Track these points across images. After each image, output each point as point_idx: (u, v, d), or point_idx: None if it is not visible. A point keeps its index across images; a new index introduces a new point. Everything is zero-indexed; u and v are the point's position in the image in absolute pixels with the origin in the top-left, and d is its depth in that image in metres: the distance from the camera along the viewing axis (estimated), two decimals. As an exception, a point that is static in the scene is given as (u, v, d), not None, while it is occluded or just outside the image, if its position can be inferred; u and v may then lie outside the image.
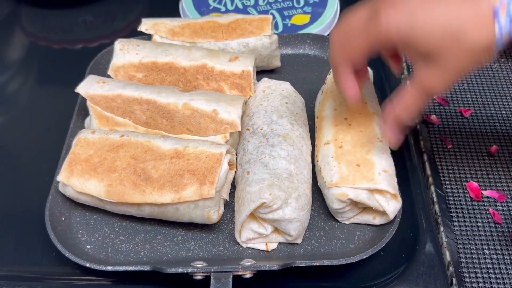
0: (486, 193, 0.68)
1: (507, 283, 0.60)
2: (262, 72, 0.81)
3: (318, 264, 0.57)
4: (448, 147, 0.73)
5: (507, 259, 0.62)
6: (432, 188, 0.69)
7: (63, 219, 0.64)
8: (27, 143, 0.77)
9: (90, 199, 0.63)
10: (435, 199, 0.67)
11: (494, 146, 0.73)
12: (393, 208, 0.60)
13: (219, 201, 0.62)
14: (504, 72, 0.84)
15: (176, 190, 0.60)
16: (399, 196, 0.61)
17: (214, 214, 0.61)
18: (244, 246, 0.62)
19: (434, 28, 0.47)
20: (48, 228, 0.61)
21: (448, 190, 0.69)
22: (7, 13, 0.99)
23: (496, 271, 0.61)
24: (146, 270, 0.57)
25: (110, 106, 0.69)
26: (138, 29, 0.81)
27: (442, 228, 0.64)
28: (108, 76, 0.75)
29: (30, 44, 0.94)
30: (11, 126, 0.80)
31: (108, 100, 0.69)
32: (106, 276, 0.61)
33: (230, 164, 0.64)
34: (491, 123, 0.77)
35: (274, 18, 0.91)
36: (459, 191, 0.69)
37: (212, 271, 0.56)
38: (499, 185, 0.69)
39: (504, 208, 0.67)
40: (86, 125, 0.72)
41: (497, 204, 0.67)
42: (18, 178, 0.72)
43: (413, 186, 0.69)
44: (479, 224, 0.65)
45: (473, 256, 0.62)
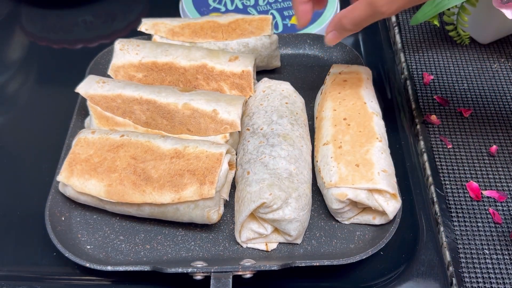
0: (486, 193, 0.68)
1: (507, 283, 0.60)
2: (262, 72, 0.81)
3: (318, 264, 0.57)
4: (448, 147, 0.73)
5: (507, 259, 0.62)
6: (432, 188, 0.69)
7: (63, 219, 0.64)
8: (27, 143, 0.77)
9: (90, 199, 0.63)
10: (435, 199, 0.67)
11: (494, 146, 0.73)
12: (392, 208, 0.60)
13: (219, 201, 0.62)
14: (504, 72, 0.84)
15: (176, 190, 0.60)
16: (399, 196, 0.61)
17: (214, 214, 0.61)
18: (244, 246, 0.62)
19: None
20: (48, 228, 0.61)
21: (448, 190, 0.69)
22: (7, 13, 0.99)
23: (496, 271, 0.61)
24: (146, 270, 0.57)
25: (110, 106, 0.69)
26: (138, 29, 0.81)
27: (442, 228, 0.64)
28: (108, 76, 0.75)
29: (30, 44, 0.94)
30: (11, 126, 0.80)
31: (108, 100, 0.69)
32: (106, 276, 0.61)
33: (230, 164, 0.64)
34: (491, 123, 0.76)
35: (274, 18, 0.91)
36: (459, 191, 0.69)
37: (212, 271, 0.56)
38: (499, 185, 0.69)
39: (504, 208, 0.67)
40: (86, 125, 0.72)
41: (497, 204, 0.67)
42: (18, 178, 0.72)
43: (413, 186, 0.69)
44: (479, 224, 0.65)
45: (473, 256, 0.62)
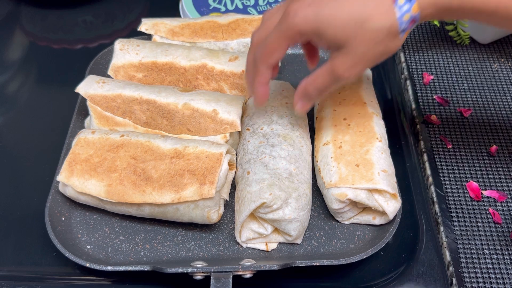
0: (486, 193, 0.68)
1: (507, 283, 0.60)
2: (262, 72, 0.81)
3: (318, 264, 0.57)
4: (448, 147, 0.73)
5: (507, 259, 0.62)
6: (432, 188, 0.69)
7: (63, 219, 0.64)
8: (27, 143, 0.77)
9: (90, 199, 0.63)
10: (435, 199, 0.67)
11: (494, 146, 0.73)
12: (392, 208, 0.60)
13: (219, 201, 0.62)
14: (504, 72, 0.84)
15: (176, 190, 0.60)
16: (399, 196, 0.61)
17: (214, 214, 0.61)
18: (244, 246, 0.62)
19: (340, 17, 0.51)
20: (48, 228, 0.61)
21: (448, 190, 0.69)
22: (7, 13, 0.99)
23: (496, 271, 0.61)
24: (146, 270, 0.57)
25: (110, 106, 0.69)
26: (138, 29, 0.81)
27: (442, 228, 0.64)
28: (108, 76, 0.75)
29: (30, 44, 0.94)
30: (11, 126, 0.80)
31: (108, 100, 0.69)
32: (106, 276, 0.61)
33: (230, 164, 0.64)
34: (491, 123, 0.76)
35: (274, 18, 0.91)
36: (459, 191, 0.69)
37: (212, 271, 0.56)
38: (499, 185, 0.69)
39: (504, 208, 0.67)
40: (86, 125, 0.72)
41: (497, 204, 0.67)
42: (18, 178, 0.72)
43: (413, 186, 0.69)
44: (479, 224, 0.65)
45: (473, 256, 0.62)
